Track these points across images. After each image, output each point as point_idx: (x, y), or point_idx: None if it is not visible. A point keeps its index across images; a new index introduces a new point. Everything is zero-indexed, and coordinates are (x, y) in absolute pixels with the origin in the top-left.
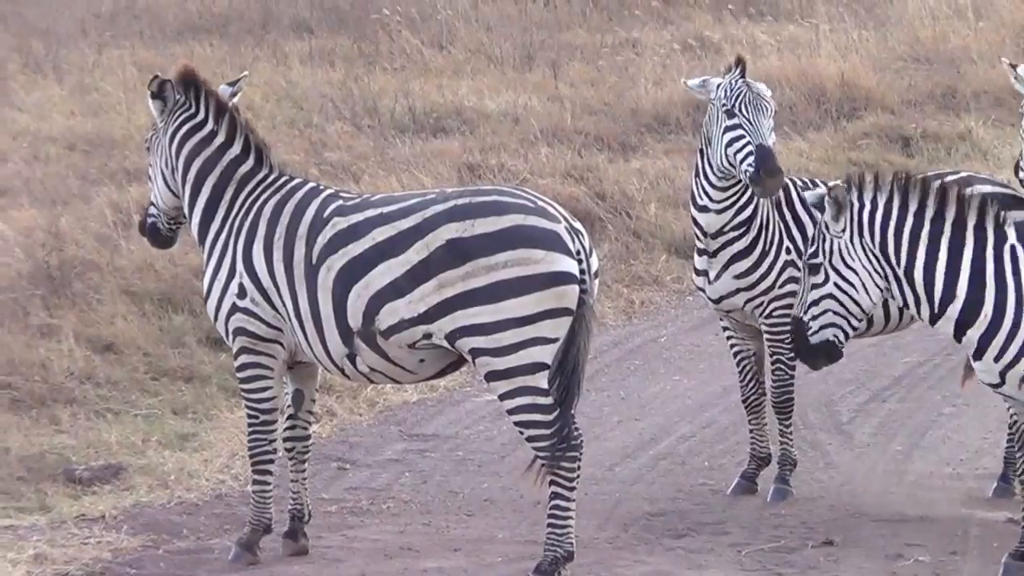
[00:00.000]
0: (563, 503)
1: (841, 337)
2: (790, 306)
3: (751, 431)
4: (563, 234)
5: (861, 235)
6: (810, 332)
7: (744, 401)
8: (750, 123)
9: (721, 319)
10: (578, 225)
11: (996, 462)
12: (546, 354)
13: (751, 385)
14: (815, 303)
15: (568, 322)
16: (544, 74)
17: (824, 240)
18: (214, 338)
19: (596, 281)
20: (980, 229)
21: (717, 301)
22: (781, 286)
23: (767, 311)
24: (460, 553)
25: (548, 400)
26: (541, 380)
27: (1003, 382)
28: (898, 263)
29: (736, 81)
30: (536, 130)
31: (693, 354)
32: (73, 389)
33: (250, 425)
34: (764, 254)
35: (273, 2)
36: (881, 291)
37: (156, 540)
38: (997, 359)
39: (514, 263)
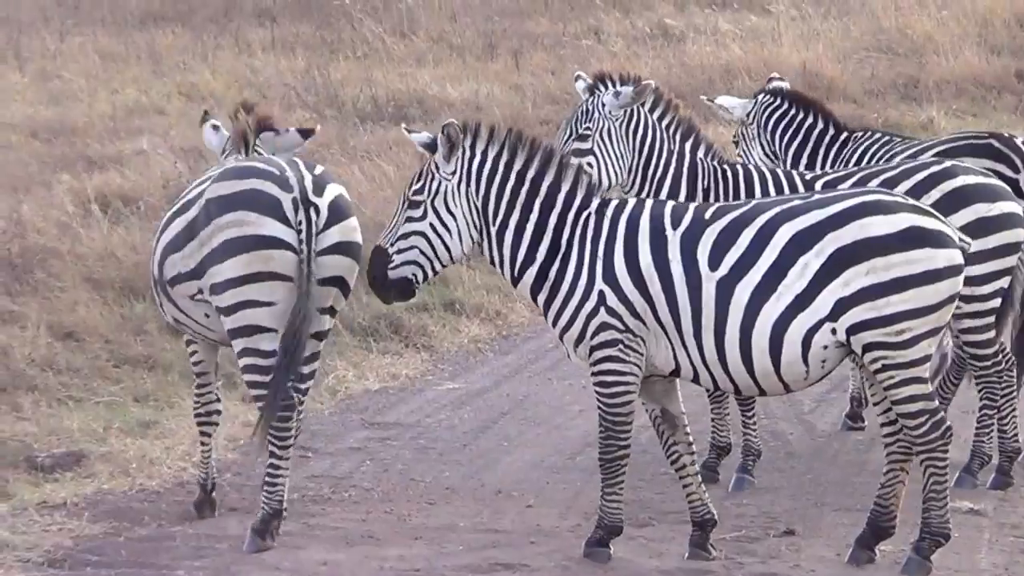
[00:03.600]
0: (275, 462)
1: (420, 277)
2: None
3: (713, 420)
4: (286, 203)
5: (469, 184)
6: (391, 266)
7: (707, 390)
8: None
9: None
10: (322, 201)
11: (958, 452)
12: (260, 317)
13: None
14: (405, 237)
15: (283, 287)
16: (506, 63)
17: (432, 179)
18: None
19: (344, 258)
20: (571, 194)
21: None
22: None
23: None
24: (421, 541)
25: (267, 362)
26: (260, 342)
27: (567, 349)
28: (494, 222)
29: (579, 107)
30: (498, 118)
31: None
32: (35, 376)
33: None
34: None
35: None
36: (473, 244)
37: (117, 527)
38: (555, 324)
39: (232, 224)
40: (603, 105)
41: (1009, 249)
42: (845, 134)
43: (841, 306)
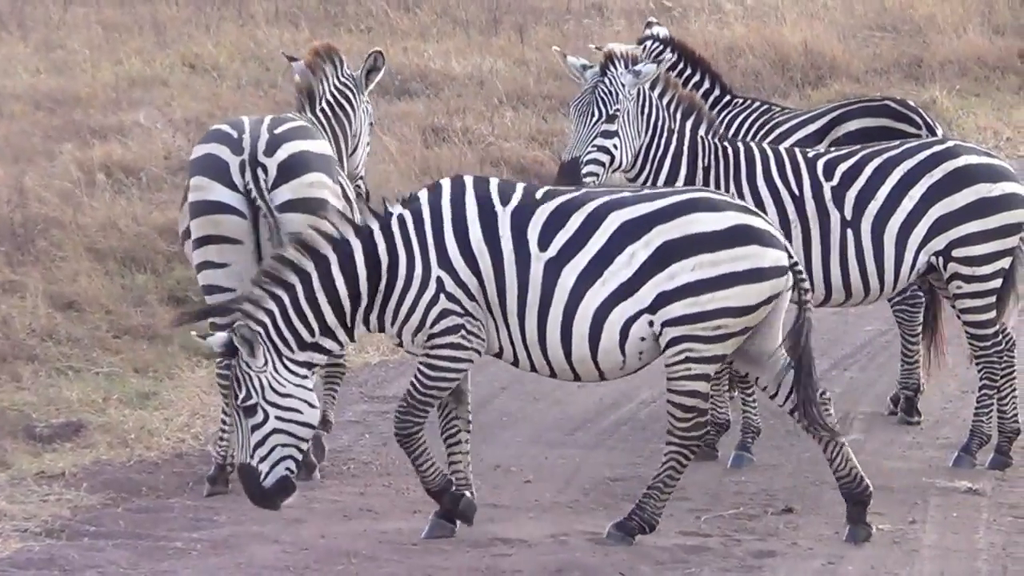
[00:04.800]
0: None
1: (295, 465)
2: None
3: (712, 397)
4: (234, 167)
5: (280, 357)
6: (263, 477)
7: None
8: (571, 135)
9: None
10: (271, 161)
11: (956, 432)
12: (218, 277)
13: None
14: (261, 444)
15: (233, 250)
16: (510, 38)
17: (251, 379)
18: (176, 297)
19: (298, 214)
20: (360, 231)
21: None
22: None
23: None
24: (420, 515)
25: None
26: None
27: (403, 340)
28: (312, 333)
29: (586, 88)
30: (501, 93)
31: None
32: (34, 346)
33: None
34: None
35: None
36: (317, 401)
37: (116, 498)
38: (394, 320)
39: (193, 189)
40: (623, 85)
41: (1010, 229)
42: (728, 97)
43: (662, 299)
